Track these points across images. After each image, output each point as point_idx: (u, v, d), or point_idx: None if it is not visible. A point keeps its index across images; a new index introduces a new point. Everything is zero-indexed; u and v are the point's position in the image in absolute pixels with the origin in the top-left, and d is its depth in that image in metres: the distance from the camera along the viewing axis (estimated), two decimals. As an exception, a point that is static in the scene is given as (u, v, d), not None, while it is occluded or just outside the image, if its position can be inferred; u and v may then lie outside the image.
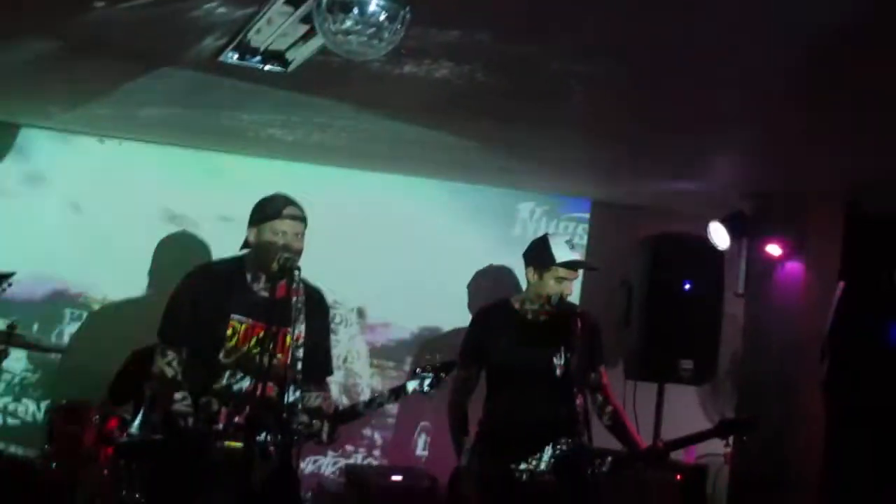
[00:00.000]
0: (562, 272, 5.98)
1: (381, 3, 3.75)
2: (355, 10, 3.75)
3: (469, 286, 8.27)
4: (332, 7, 3.76)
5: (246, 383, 5.31)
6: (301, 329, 5.23)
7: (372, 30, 3.78)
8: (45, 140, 7.72)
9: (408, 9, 3.84)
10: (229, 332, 5.31)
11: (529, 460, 5.88)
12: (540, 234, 8.03)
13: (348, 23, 3.74)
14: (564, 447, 5.84)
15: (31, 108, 7.24)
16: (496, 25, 4.53)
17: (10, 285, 6.11)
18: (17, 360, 7.33)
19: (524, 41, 4.73)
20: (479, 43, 4.73)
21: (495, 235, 8.42)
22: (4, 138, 7.64)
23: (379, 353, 8.26)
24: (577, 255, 6.07)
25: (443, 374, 5.61)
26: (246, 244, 5.43)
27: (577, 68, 5.10)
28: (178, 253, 7.72)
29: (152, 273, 7.77)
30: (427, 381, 5.56)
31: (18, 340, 6.55)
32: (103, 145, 7.81)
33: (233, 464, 5.06)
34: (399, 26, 3.81)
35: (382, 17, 3.76)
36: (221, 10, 4.60)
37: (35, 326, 7.49)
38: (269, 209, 5.36)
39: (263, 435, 5.12)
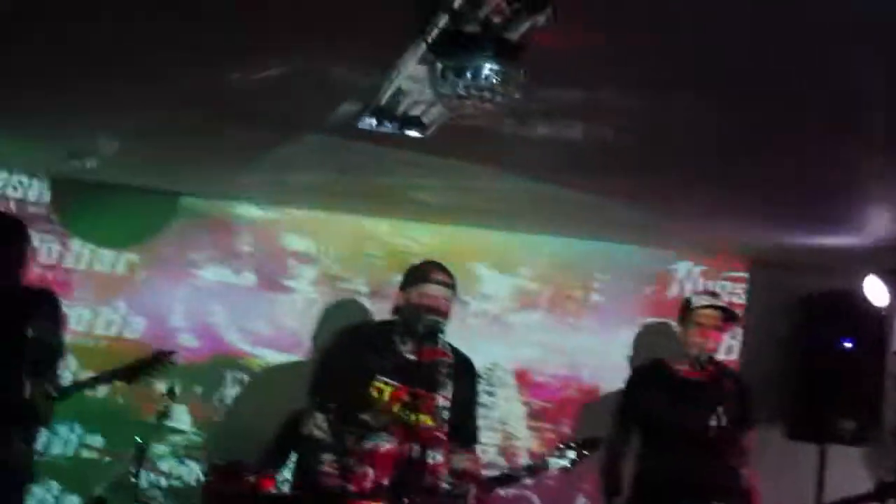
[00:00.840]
0: (701, 318, 5.96)
1: (495, 67, 3.78)
2: (468, 75, 3.79)
3: (629, 347, 8.21)
4: (444, 72, 3.81)
5: (390, 445, 5.36)
6: (448, 392, 5.28)
7: (486, 93, 3.81)
8: (205, 206, 7.97)
9: (523, 72, 3.86)
10: (375, 393, 5.39)
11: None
12: (697, 293, 8.07)
13: (461, 87, 3.79)
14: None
15: (188, 176, 7.47)
16: (622, 82, 4.51)
17: (172, 364, 6.29)
18: (182, 423, 7.51)
19: (651, 96, 4.72)
20: (606, 100, 4.73)
21: (652, 296, 8.34)
22: (167, 206, 7.90)
23: (536, 416, 8.22)
24: (712, 303, 6.03)
25: (585, 452, 5.59)
26: (395, 308, 5.52)
27: (716, 123, 5.04)
28: (339, 318, 7.80)
29: (314, 337, 7.90)
30: (569, 458, 5.55)
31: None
32: (260, 211, 8.01)
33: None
34: (513, 89, 3.84)
35: (495, 80, 3.79)
36: (353, 75, 4.69)
37: (198, 389, 7.69)
38: (418, 274, 5.46)
39: (408, 498, 5.17)
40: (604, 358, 8.22)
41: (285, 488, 6.08)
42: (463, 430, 5.59)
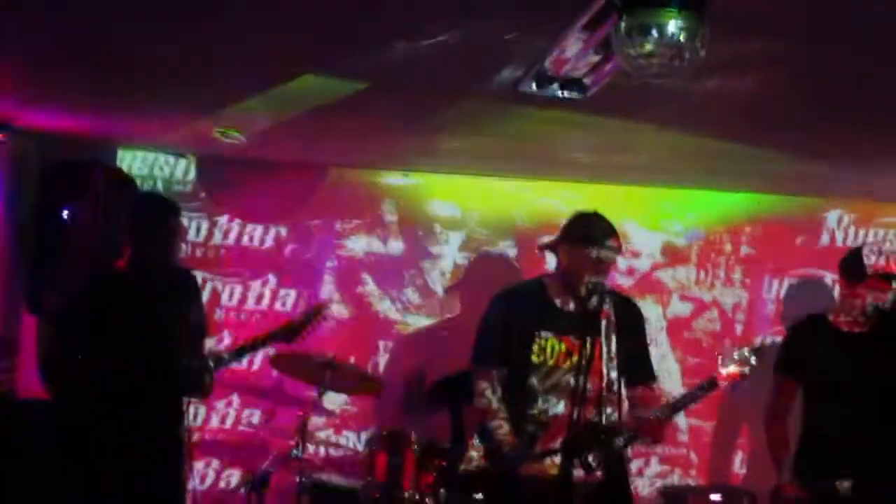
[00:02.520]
0: (872, 280, 5.81)
1: (680, 23, 3.69)
2: (654, 33, 3.70)
3: (781, 299, 8.09)
4: (630, 31, 3.73)
5: (560, 407, 5.31)
6: (615, 345, 5.19)
7: (672, 51, 3.73)
8: (351, 176, 7.99)
9: (706, 26, 3.77)
10: (540, 355, 5.32)
11: (853, 478, 5.70)
12: (849, 242, 7.89)
13: (648, 46, 3.70)
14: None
15: (333, 147, 7.47)
16: (798, 32, 4.40)
17: (323, 315, 6.31)
18: (336, 393, 7.53)
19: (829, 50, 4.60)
20: (780, 52, 4.61)
21: (802, 245, 8.18)
22: (313, 178, 7.93)
23: (691, 372, 8.12)
24: (882, 262, 5.88)
25: (754, 362, 5.36)
26: (556, 258, 5.42)
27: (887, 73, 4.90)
28: (487, 276, 7.79)
29: (461, 297, 7.91)
30: (741, 366, 5.35)
31: (338, 373, 6.78)
32: (405, 179, 8.01)
33: (554, 488, 5.06)
34: (699, 45, 3.74)
35: (682, 37, 3.70)
36: (519, 41, 4.64)
37: (351, 359, 7.72)
38: (591, 234, 5.34)
39: (582, 456, 5.10)
40: (756, 311, 8.11)
41: (457, 458, 6.03)
42: (640, 371, 5.49)
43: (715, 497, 7.50)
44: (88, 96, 6.25)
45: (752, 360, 5.30)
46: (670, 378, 7.98)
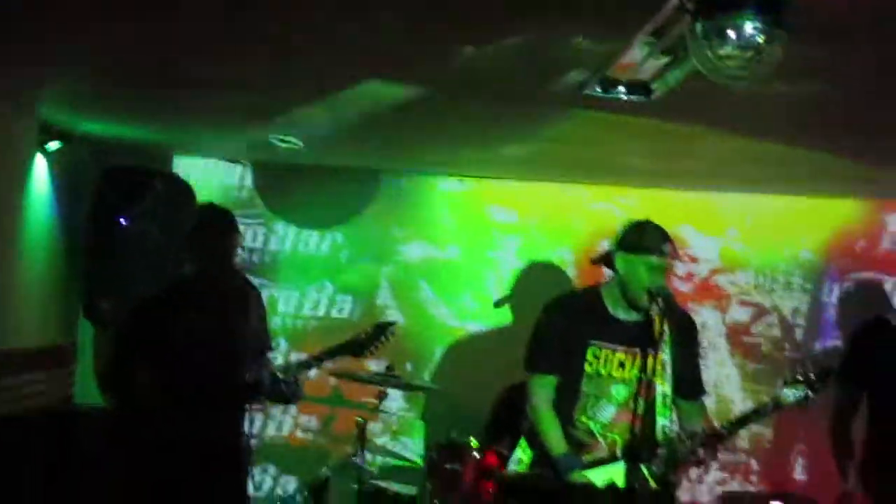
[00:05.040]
0: None
1: (758, 25, 3.63)
2: (732, 34, 3.64)
3: (839, 303, 8.02)
4: (707, 34, 3.67)
5: (611, 412, 5.27)
6: (669, 353, 5.15)
7: (750, 53, 3.67)
8: (406, 183, 8.00)
9: (784, 28, 3.71)
10: (591, 359, 5.29)
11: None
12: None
13: (727, 48, 3.65)
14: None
15: (389, 153, 7.47)
16: (871, 37, 4.33)
17: (392, 334, 6.28)
18: (395, 400, 7.52)
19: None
20: (850, 56, 4.53)
21: (862, 251, 8.10)
22: (369, 185, 7.93)
23: (750, 378, 8.07)
24: None
25: (818, 386, 5.28)
26: (611, 267, 5.38)
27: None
28: (539, 284, 7.77)
29: (514, 306, 7.87)
30: (804, 392, 5.26)
31: (396, 382, 6.76)
32: (461, 184, 8.00)
33: (610, 497, 5.00)
34: (777, 46, 3.69)
35: (760, 39, 3.64)
36: (587, 44, 4.59)
37: (408, 365, 7.70)
38: (647, 241, 5.28)
39: (641, 463, 5.07)
40: (815, 316, 8.04)
41: (513, 464, 6.00)
42: (689, 385, 5.44)
43: (773, 502, 7.44)
44: (145, 105, 6.26)
45: (818, 385, 5.19)
46: (729, 383, 7.92)
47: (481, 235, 8.01)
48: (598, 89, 5.14)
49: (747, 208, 8.09)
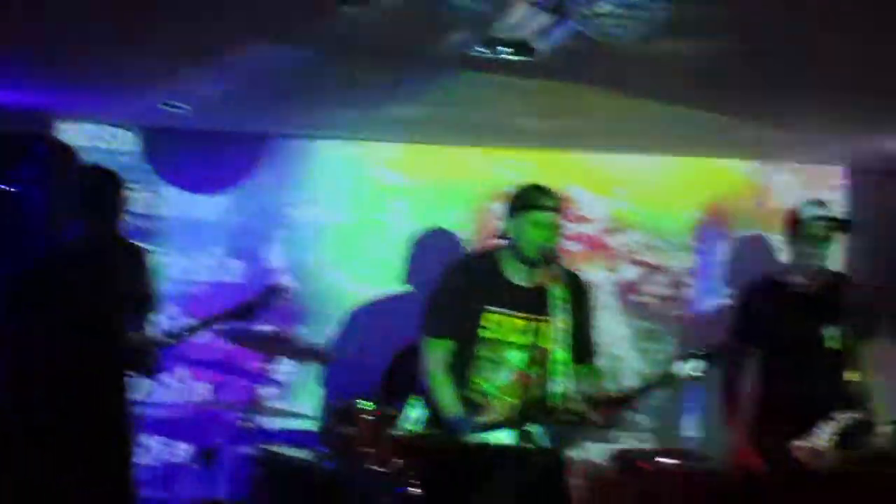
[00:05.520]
0: (813, 228, 5.81)
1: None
2: (611, -8, 3.67)
3: (727, 262, 8.12)
4: (586, -9, 3.70)
5: (506, 376, 5.29)
6: (565, 316, 5.17)
7: (629, 10, 3.70)
8: (295, 146, 7.95)
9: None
10: (487, 324, 5.30)
11: (808, 437, 5.73)
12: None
13: (605, 6, 3.67)
14: (848, 422, 5.66)
15: (277, 117, 7.41)
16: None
17: (282, 298, 6.26)
18: (288, 365, 7.47)
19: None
20: (736, 15, 4.58)
21: (750, 210, 8.21)
22: (258, 149, 7.87)
23: (641, 337, 8.15)
24: (824, 213, 5.88)
25: (710, 363, 5.40)
26: (502, 235, 5.40)
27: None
28: (432, 249, 7.79)
29: (407, 270, 7.87)
30: (699, 367, 5.38)
31: (290, 347, 6.73)
32: (350, 148, 7.97)
33: (503, 457, 5.06)
34: (658, 4, 3.71)
35: (639, -5, 3.67)
36: (469, 4, 4.58)
37: (303, 330, 7.67)
38: (527, 199, 5.30)
39: (532, 427, 5.12)
40: (705, 275, 8.15)
41: (408, 425, 5.99)
42: (584, 349, 5.47)
43: (671, 461, 7.51)
44: (22, 69, 6.14)
45: (706, 365, 5.30)
46: (620, 343, 8.00)
47: (372, 199, 7.98)
48: (482, 49, 5.15)
49: (637, 169, 8.14)
